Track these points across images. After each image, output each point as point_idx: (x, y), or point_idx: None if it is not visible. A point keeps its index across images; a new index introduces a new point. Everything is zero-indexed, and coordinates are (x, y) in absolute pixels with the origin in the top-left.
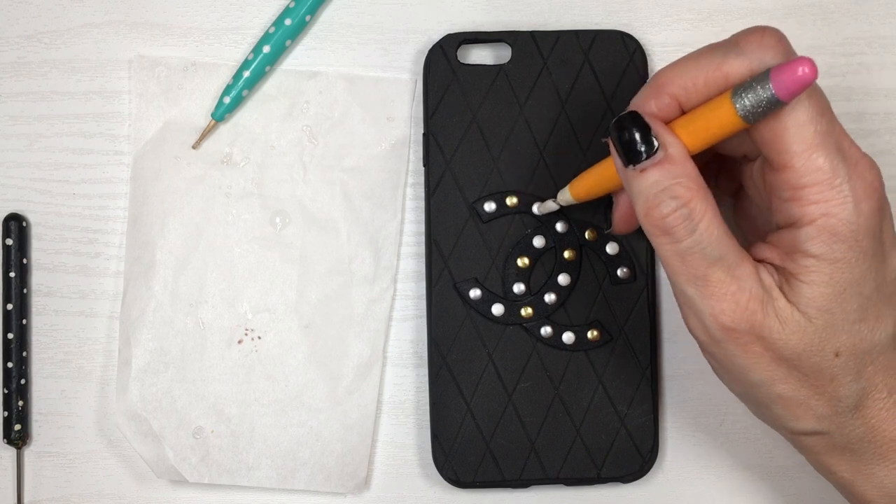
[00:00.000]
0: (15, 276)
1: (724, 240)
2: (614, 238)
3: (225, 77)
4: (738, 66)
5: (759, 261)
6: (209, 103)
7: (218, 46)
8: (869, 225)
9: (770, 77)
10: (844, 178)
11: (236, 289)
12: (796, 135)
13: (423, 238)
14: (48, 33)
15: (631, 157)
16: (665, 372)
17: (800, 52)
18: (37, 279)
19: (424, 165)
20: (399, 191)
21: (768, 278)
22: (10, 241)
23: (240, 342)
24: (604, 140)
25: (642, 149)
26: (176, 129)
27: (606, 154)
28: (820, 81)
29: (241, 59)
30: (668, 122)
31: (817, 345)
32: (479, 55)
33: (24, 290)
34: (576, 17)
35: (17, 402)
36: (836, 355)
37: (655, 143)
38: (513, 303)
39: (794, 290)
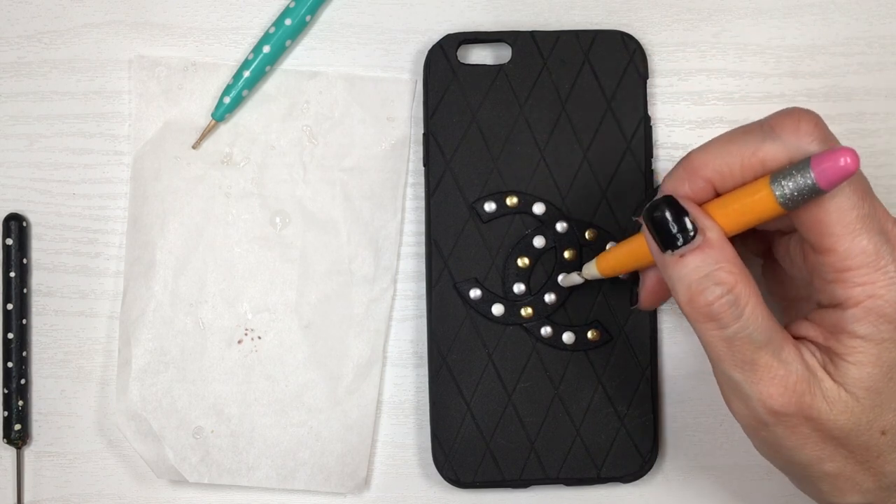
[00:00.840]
0: (15, 276)
1: (769, 323)
2: (614, 238)
3: (225, 77)
4: (774, 152)
5: (800, 338)
6: (209, 103)
7: (218, 46)
8: None
9: (811, 166)
10: (889, 259)
11: (236, 289)
12: (839, 219)
13: (423, 238)
14: (48, 33)
15: (668, 242)
16: (665, 372)
17: (799, 52)
18: (37, 279)
19: (424, 165)
20: (399, 191)
21: (812, 358)
22: (10, 241)
23: (240, 342)
24: (635, 218)
25: (679, 234)
26: (176, 129)
27: (636, 230)
28: (820, 81)
29: (241, 59)
30: (702, 205)
31: (865, 424)
32: (479, 55)
33: (24, 290)
34: (576, 17)
35: (17, 402)
36: (883, 433)
37: (693, 228)
38: (513, 303)
39: (840, 370)
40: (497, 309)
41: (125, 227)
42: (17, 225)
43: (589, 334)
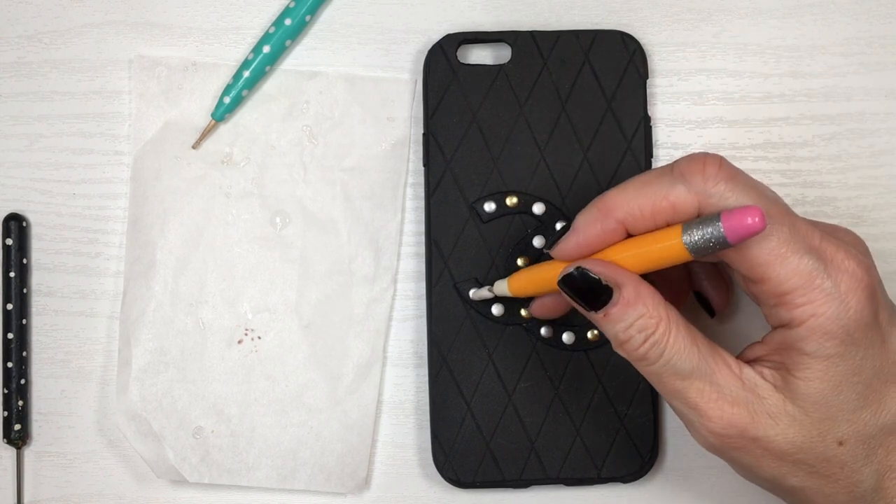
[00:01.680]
0: (15, 276)
1: (693, 352)
2: None
3: (225, 77)
4: (683, 196)
5: (755, 358)
6: (209, 103)
7: (218, 46)
8: (859, 317)
9: (721, 221)
10: (824, 276)
11: (236, 289)
12: (762, 248)
13: (423, 238)
14: (48, 33)
15: (590, 304)
16: None
17: (800, 52)
18: (37, 279)
19: (424, 165)
20: (399, 191)
21: (754, 377)
22: (10, 241)
23: (240, 342)
24: (546, 251)
25: (599, 296)
26: (176, 129)
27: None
28: (820, 81)
29: (241, 59)
30: (614, 243)
31: (817, 436)
32: (479, 55)
33: (24, 290)
34: (576, 17)
35: (17, 402)
36: (840, 444)
37: (610, 291)
38: (513, 302)
39: (790, 385)
40: (497, 309)
41: (125, 227)
42: (17, 225)
43: (589, 334)
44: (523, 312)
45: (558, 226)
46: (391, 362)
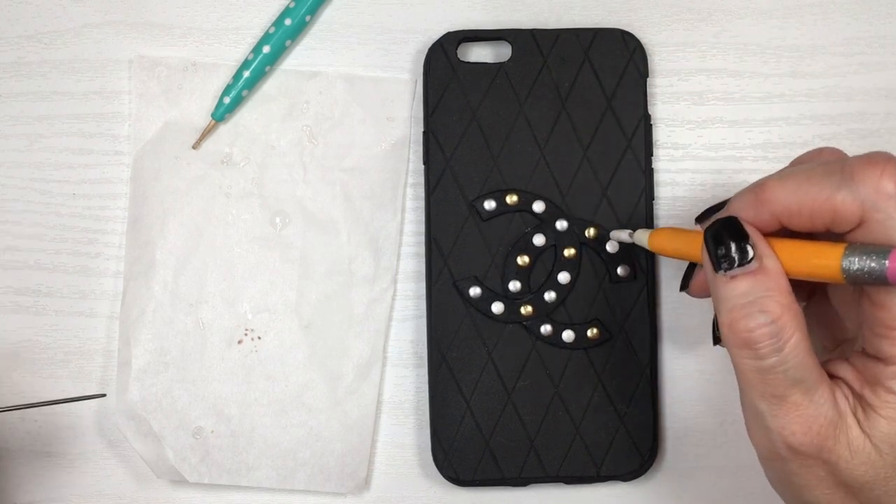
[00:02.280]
0: None
1: (809, 361)
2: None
3: (225, 77)
4: (848, 205)
5: (835, 378)
6: (209, 103)
7: (218, 46)
8: None
9: (888, 259)
10: None
11: (236, 289)
12: None
13: (423, 237)
14: (48, 33)
15: (722, 261)
16: (665, 371)
17: (800, 52)
18: (37, 279)
19: (424, 164)
20: (399, 191)
21: (844, 403)
22: None
23: (240, 342)
24: (697, 224)
25: (736, 255)
26: (176, 129)
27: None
28: (820, 81)
29: (241, 59)
30: (766, 233)
31: (882, 479)
32: (480, 53)
33: None
34: (575, 16)
35: None
36: None
37: (751, 253)
38: (513, 301)
39: (871, 421)
40: (497, 307)
41: (125, 227)
42: None
43: (589, 333)
44: (523, 311)
45: (558, 224)
46: (391, 362)
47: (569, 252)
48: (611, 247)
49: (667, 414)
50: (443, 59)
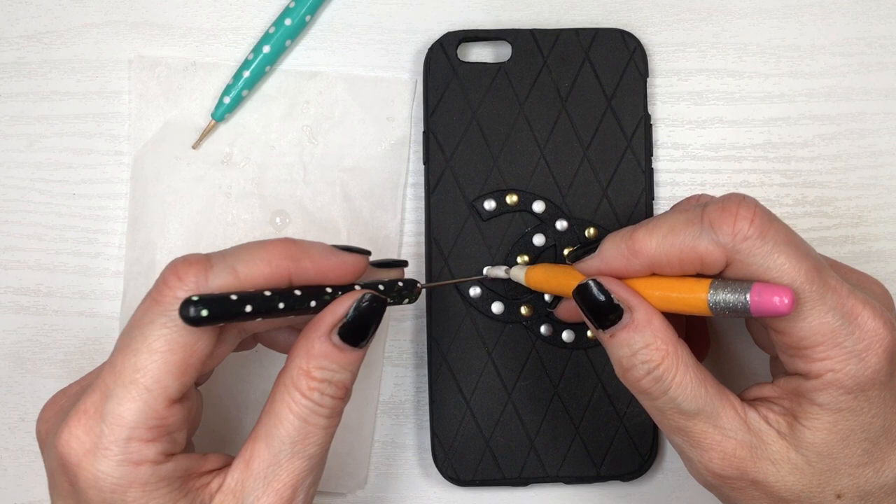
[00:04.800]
0: None
1: (700, 392)
2: None
3: (225, 77)
4: (711, 251)
5: (762, 399)
6: (209, 103)
7: (218, 46)
8: (875, 376)
9: (749, 293)
10: (846, 333)
11: None
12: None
13: (423, 237)
14: (48, 33)
15: (599, 321)
16: None
17: (800, 52)
18: (37, 279)
19: (424, 163)
20: (399, 191)
21: (759, 421)
22: None
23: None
24: (567, 260)
25: (609, 314)
26: (176, 129)
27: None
28: (820, 81)
29: (241, 59)
30: (635, 278)
31: (817, 486)
32: (480, 53)
33: None
34: (576, 17)
35: None
36: (838, 497)
37: (619, 308)
38: (512, 301)
39: (796, 432)
40: (497, 307)
41: (125, 227)
42: None
43: (589, 332)
44: (523, 311)
45: (558, 224)
46: (391, 362)
47: (569, 252)
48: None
49: None
50: (443, 59)
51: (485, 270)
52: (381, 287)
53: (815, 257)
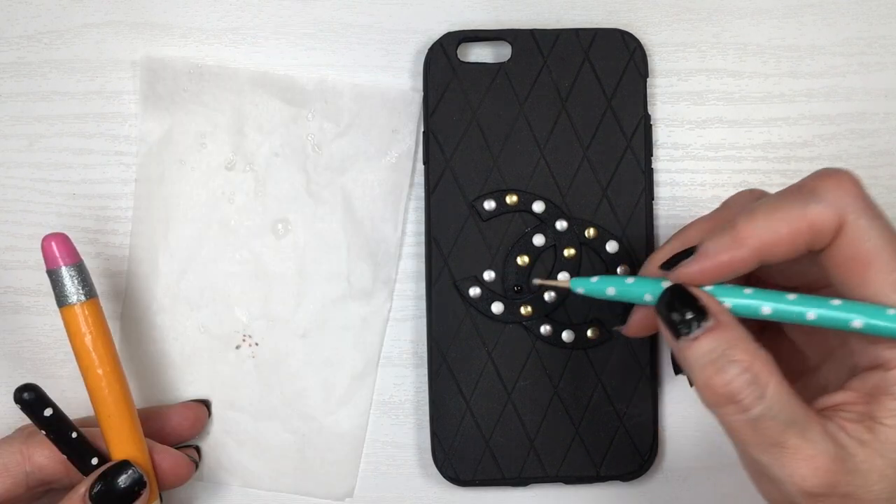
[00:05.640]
0: None
1: (794, 401)
2: (614, 236)
3: (228, 80)
4: (823, 215)
5: (832, 408)
6: (215, 107)
7: (218, 46)
8: None
9: None
10: None
11: (236, 295)
12: (886, 279)
13: (422, 238)
14: (48, 33)
15: (681, 327)
16: (664, 371)
17: (800, 52)
18: (37, 279)
19: (424, 164)
20: (401, 204)
21: (839, 433)
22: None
23: (237, 347)
24: (662, 269)
25: (692, 318)
26: (181, 133)
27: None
28: (820, 81)
29: (240, 59)
30: (741, 273)
31: None
32: (480, 53)
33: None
34: (576, 17)
35: None
36: None
37: (703, 313)
38: (512, 301)
39: (877, 434)
40: (497, 307)
41: (126, 228)
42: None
43: (589, 333)
44: (523, 311)
45: (558, 224)
46: (391, 362)
47: (569, 252)
48: (611, 247)
49: (666, 414)
50: (443, 59)
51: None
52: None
53: None
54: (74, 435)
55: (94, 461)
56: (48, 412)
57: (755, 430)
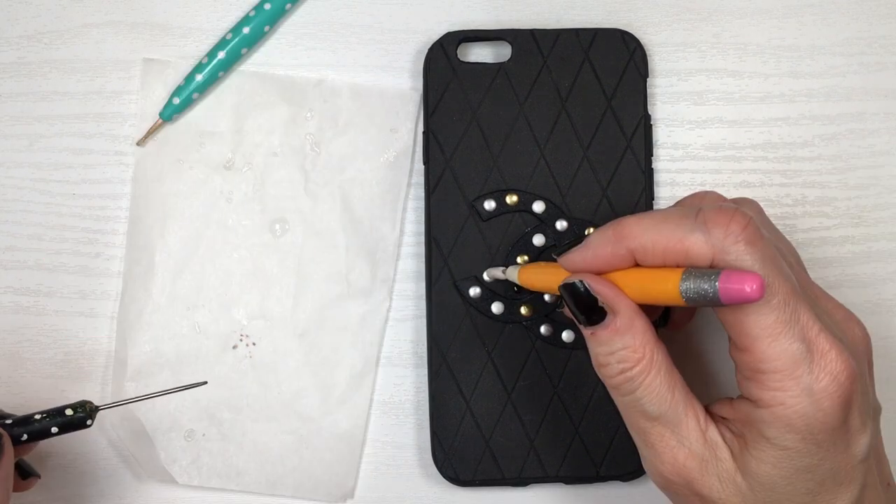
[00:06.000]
0: None
1: (666, 398)
2: None
3: (230, 81)
4: (699, 246)
5: (719, 416)
6: (214, 107)
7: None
8: (828, 419)
9: (718, 280)
10: (806, 369)
11: (233, 294)
12: (756, 321)
13: (422, 237)
14: (48, 33)
15: (581, 318)
16: None
17: (800, 52)
18: (37, 279)
19: (424, 164)
20: (399, 203)
21: (717, 437)
22: None
23: (235, 347)
24: (554, 256)
25: (592, 313)
26: (179, 132)
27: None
28: (820, 81)
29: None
30: (618, 269)
31: None
32: (480, 53)
33: None
34: (576, 17)
35: None
36: None
37: (602, 310)
38: (512, 301)
39: (744, 458)
40: (497, 307)
41: (126, 228)
42: None
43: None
44: (523, 311)
45: (558, 224)
46: (391, 362)
47: None
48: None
49: None
50: (443, 59)
51: (485, 274)
52: (37, 416)
53: (795, 284)
54: None
55: None
56: None
57: (626, 413)
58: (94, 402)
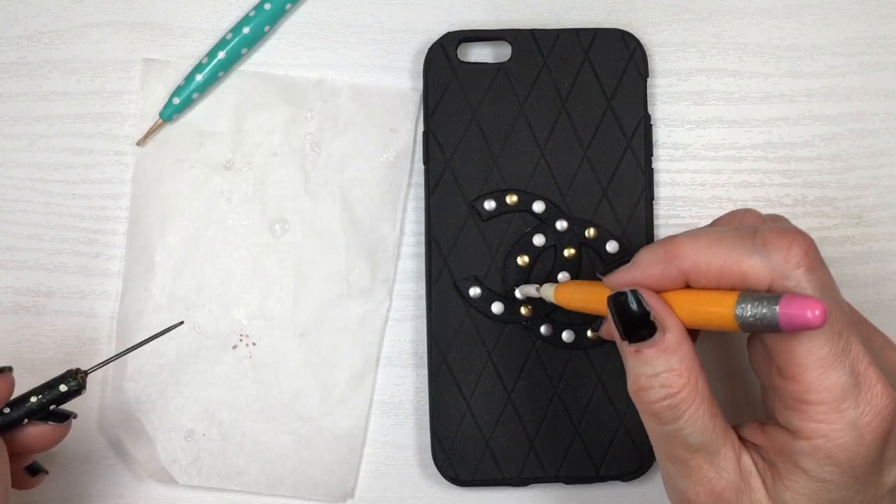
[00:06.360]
0: None
1: (709, 427)
2: (614, 236)
3: (230, 81)
4: (757, 270)
5: (749, 442)
6: (215, 108)
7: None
8: (869, 453)
9: (779, 304)
10: (853, 403)
11: (233, 294)
12: (809, 351)
13: (423, 237)
14: (48, 33)
15: (628, 333)
16: None
17: (800, 52)
18: (37, 279)
19: (424, 164)
20: (399, 203)
21: (750, 466)
22: None
23: (234, 347)
24: (600, 276)
25: (641, 329)
26: (179, 132)
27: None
28: (820, 81)
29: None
30: (668, 290)
31: None
32: (480, 53)
33: None
34: (576, 17)
35: None
36: None
37: (654, 326)
38: (512, 301)
39: (777, 489)
40: (497, 307)
41: (126, 228)
42: None
43: (588, 332)
44: (523, 311)
45: (558, 224)
46: (391, 362)
47: (569, 252)
48: (611, 247)
49: None
50: (443, 59)
51: (517, 291)
52: (33, 399)
53: (849, 314)
54: None
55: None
56: None
57: (664, 443)
58: (81, 368)
